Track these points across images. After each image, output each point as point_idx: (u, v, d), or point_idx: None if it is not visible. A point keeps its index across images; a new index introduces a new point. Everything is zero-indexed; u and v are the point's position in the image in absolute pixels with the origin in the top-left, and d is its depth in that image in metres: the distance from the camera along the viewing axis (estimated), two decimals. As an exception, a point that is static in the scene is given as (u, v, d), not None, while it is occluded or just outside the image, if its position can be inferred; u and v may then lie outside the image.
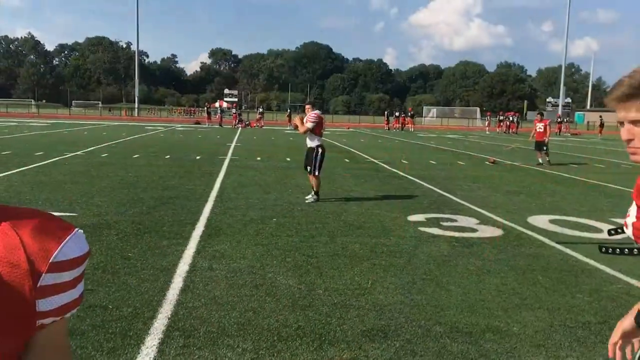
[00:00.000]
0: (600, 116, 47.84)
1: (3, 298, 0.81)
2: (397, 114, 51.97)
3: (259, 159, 16.87)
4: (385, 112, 53.26)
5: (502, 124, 49.85)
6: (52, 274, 0.84)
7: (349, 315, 4.38)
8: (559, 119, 52.01)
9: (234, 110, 48.97)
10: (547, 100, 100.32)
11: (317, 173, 9.49)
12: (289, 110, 52.51)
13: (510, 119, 48.96)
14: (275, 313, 4.38)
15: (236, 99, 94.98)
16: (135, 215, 7.87)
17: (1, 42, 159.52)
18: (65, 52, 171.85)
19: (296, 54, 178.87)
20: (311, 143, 9.55)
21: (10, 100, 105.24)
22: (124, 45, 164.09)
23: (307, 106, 9.91)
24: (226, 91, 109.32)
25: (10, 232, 0.83)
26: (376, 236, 7.11)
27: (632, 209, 1.60)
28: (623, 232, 1.71)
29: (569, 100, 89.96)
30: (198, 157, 16.72)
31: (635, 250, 1.72)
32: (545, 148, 17.88)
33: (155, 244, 6.35)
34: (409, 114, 50.91)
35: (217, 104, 69.41)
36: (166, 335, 3.90)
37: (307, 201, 9.41)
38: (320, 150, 9.52)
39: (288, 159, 16.98)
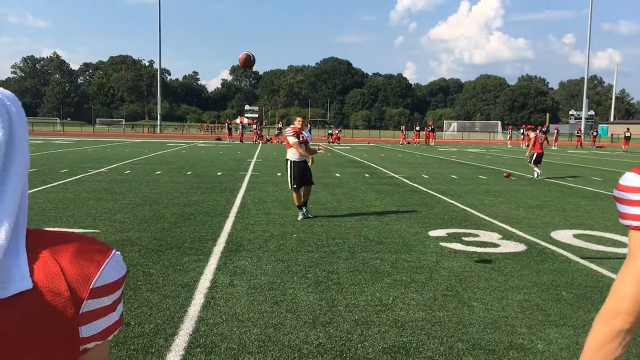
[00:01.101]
0: (628, 129, 46.86)
1: (48, 326, 0.82)
2: (417, 128, 51.81)
3: (279, 174, 16.93)
4: (402, 127, 52.91)
5: (522, 137, 49.33)
6: (93, 300, 0.85)
7: (370, 332, 4.35)
8: (578, 132, 51.37)
9: (254, 126, 49.33)
10: (570, 113, 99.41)
11: None
12: (309, 125, 52.61)
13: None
14: (295, 329, 4.37)
15: (257, 115, 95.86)
16: (157, 231, 7.95)
17: (27, 61, 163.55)
18: (90, 70, 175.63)
19: (316, 69, 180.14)
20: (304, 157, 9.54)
21: (37, 118, 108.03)
22: (147, 64, 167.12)
23: (299, 118, 9.55)
24: (247, 107, 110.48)
25: (50, 260, 0.84)
26: (397, 252, 7.07)
27: None
28: None
29: (592, 112, 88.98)
30: (219, 173, 16.85)
31: None
32: (529, 160, 17.79)
33: (177, 260, 6.39)
34: (430, 128, 50.53)
35: (238, 120, 70.01)
36: (187, 352, 3.91)
37: (306, 215, 9.42)
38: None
39: (308, 175, 17.00)
